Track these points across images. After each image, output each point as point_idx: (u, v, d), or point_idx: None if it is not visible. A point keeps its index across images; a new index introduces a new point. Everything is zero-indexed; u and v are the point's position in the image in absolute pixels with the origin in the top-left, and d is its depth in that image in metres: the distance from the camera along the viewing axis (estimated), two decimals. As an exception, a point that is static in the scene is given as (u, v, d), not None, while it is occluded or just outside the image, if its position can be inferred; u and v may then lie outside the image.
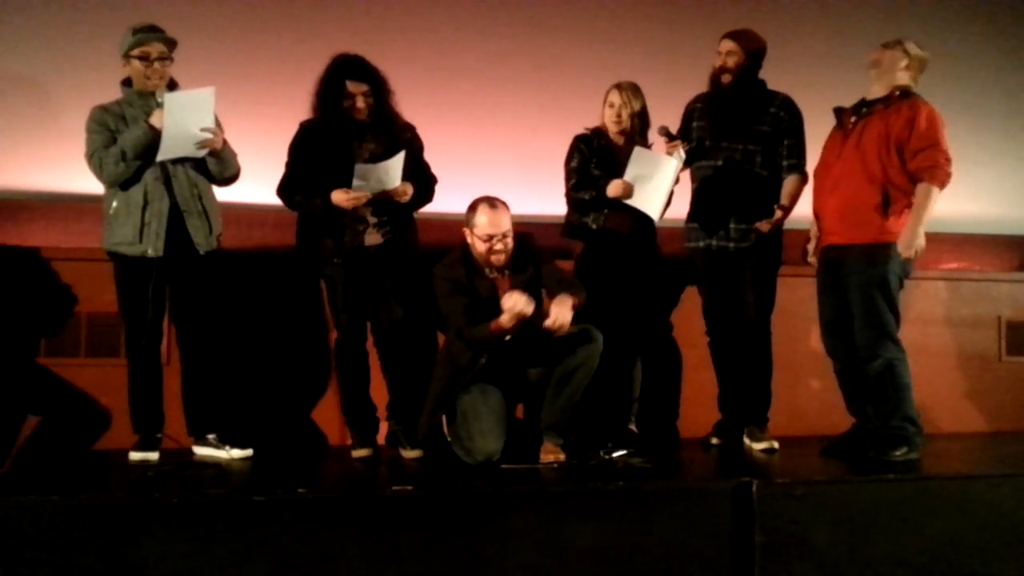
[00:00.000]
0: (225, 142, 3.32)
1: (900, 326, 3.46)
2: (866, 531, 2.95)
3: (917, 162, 3.34)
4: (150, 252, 3.21)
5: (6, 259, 3.67)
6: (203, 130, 3.19)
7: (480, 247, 3.31)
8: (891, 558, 2.95)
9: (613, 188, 3.54)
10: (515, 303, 3.13)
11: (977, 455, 3.75)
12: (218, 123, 3.31)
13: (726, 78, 3.63)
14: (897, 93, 3.42)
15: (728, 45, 3.63)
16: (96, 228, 3.36)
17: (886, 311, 3.41)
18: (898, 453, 3.33)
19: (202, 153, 3.25)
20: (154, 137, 3.15)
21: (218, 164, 3.33)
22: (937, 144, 3.34)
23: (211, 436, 3.36)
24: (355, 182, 3.28)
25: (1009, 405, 4.54)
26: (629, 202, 3.56)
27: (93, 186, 3.35)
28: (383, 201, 3.37)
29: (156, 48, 3.24)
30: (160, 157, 3.19)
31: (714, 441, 3.80)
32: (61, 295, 3.68)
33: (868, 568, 2.93)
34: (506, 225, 3.30)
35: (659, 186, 3.53)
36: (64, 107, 4.07)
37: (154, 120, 3.16)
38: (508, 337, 3.25)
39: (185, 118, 3.15)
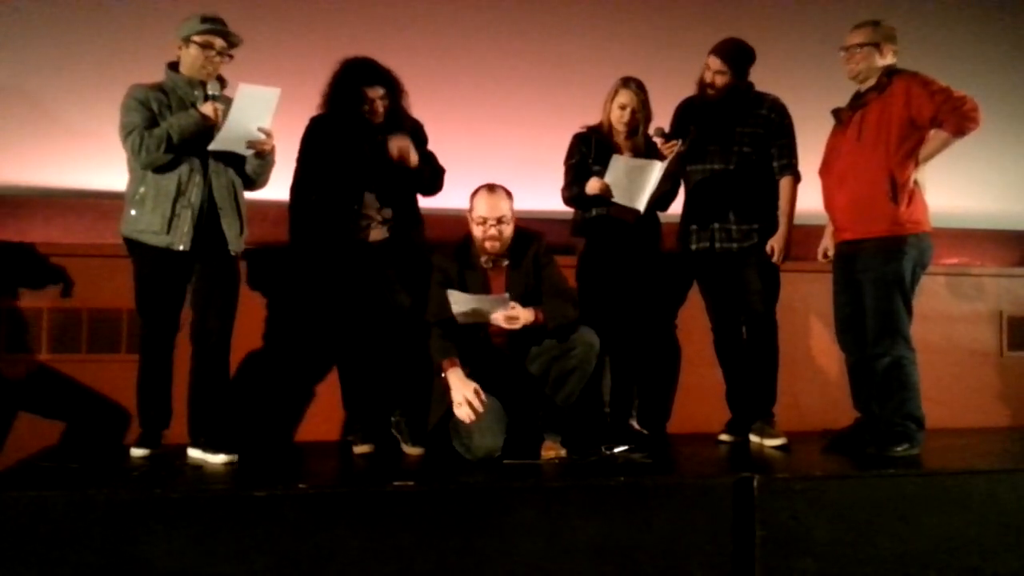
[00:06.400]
0: (273, 147, 3.21)
1: (912, 321, 3.43)
2: (866, 526, 2.95)
3: (941, 116, 3.24)
4: (179, 246, 3.08)
5: (6, 255, 3.66)
6: (260, 129, 3.09)
7: (476, 232, 3.32)
8: (891, 553, 2.95)
9: (592, 185, 3.52)
10: (517, 317, 3.20)
11: (978, 450, 3.74)
12: None
13: (712, 91, 3.62)
14: (886, 77, 3.39)
15: (717, 64, 3.58)
16: (97, 224, 3.34)
17: (900, 308, 3.38)
18: (899, 449, 3.33)
19: (250, 152, 3.15)
20: (205, 127, 3.06)
21: (261, 167, 3.23)
22: (944, 90, 3.24)
23: (202, 439, 3.20)
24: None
25: (1010, 400, 4.55)
26: (612, 200, 3.53)
27: (93, 182, 3.33)
28: (390, 194, 3.37)
29: (219, 41, 3.15)
30: (212, 147, 3.08)
31: (725, 439, 3.76)
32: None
33: (868, 563, 2.94)
34: (502, 211, 3.28)
35: (642, 185, 3.48)
36: (64, 103, 4.07)
37: (205, 109, 3.07)
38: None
39: (248, 114, 3.04)
